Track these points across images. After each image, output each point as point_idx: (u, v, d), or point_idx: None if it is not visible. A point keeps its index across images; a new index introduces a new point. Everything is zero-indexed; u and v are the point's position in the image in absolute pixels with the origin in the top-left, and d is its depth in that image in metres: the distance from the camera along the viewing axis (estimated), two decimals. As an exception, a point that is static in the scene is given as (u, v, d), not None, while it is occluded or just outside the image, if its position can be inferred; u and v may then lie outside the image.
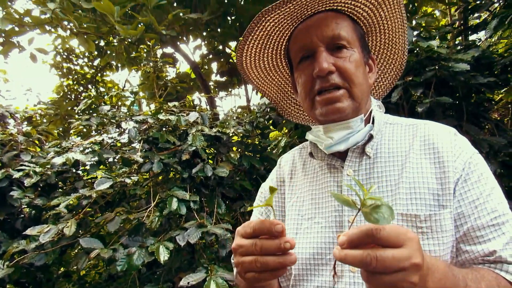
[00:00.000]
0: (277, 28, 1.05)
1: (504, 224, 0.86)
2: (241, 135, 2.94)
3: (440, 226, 0.86)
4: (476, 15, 2.87)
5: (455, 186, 0.89)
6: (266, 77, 1.24)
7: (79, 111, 3.06)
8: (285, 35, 1.09)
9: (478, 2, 2.88)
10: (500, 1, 2.86)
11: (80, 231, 2.41)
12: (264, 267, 0.70)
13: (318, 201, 1.02)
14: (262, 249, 0.70)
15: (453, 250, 0.89)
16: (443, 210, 0.87)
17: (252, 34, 1.05)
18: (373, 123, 1.02)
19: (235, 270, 1.11)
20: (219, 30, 4.70)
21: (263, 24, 1.02)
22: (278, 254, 0.70)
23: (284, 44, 1.13)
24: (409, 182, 0.90)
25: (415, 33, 2.50)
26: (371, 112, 1.05)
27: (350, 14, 1.04)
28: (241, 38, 1.07)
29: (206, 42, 5.03)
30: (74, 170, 2.69)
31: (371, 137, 0.98)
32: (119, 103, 5.00)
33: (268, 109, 3.08)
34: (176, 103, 3.04)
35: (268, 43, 1.11)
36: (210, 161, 2.73)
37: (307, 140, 1.14)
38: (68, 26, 3.66)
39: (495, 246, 0.84)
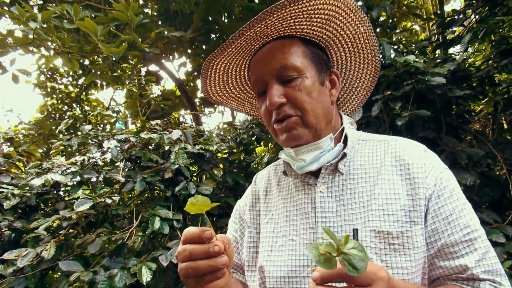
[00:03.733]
0: (231, 66, 1.09)
1: (477, 239, 0.87)
2: (225, 151, 2.94)
3: (412, 243, 0.86)
4: (450, 30, 2.95)
5: (428, 202, 0.90)
6: (239, 103, 1.27)
7: (62, 131, 3.01)
8: (243, 68, 1.12)
9: (455, 17, 2.97)
10: (476, 16, 2.96)
11: (62, 253, 2.35)
12: (197, 272, 0.73)
13: (292, 218, 1.01)
14: (191, 255, 0.73)
15: (424, 266, 0.89)
16: (414, 226, 0.87)
17: (208, 77, 1.10)
18: (345, 141, 1.02)
19: None
20: (204, 47, 4.74)
21: (214, 68, 1.06)
22: (210, 258, 0.73)
23: (246, 74, 1.15)
24: (381, 199, 0.91)
25: (395, 47, 2.55)
26: (343, 130, 1.05)
27: (300, 35, 1.02)
28: (200, 83, 1.12)
29: (191, 59, 5.06)
30: (55, 191, 2.64)
31: (344, 155, 0.98)
32: (105, 121, 4.97)
33: (253, 125, 3.09)
34: (159, 121, 3.02)
35: (230, 79, 1.15)
36: (194, 179, 2.71)
37: None
38: (52, 46, 3.65)
39: (467, 263, 0.85)
